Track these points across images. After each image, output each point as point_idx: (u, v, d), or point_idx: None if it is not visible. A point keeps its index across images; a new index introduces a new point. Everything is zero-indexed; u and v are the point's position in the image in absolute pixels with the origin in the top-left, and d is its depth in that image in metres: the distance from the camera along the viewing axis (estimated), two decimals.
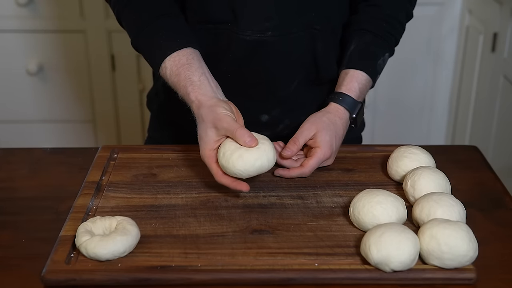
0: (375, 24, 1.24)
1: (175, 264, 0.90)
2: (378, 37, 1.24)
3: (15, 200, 1.11)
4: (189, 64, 1.11)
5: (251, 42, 1.19)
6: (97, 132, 2.54)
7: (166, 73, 1.12)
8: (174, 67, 1.11)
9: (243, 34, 1.18)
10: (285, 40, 1.20)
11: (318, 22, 1.21)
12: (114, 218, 0.97)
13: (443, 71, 2.52)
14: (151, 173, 1.15)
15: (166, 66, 1.12)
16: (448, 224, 0.90)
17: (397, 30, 1.26)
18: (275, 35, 1.19)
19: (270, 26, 1.18)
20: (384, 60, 1.24)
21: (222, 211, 1.03)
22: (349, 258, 0.92)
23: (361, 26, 1.24)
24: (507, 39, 2.07)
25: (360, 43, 1.23)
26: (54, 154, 1.27)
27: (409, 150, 1.12)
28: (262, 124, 1.27)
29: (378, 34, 1.24)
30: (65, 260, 0.90)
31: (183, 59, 1.12)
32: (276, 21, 1.18)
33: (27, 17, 2.34)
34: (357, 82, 1.20)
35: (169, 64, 1.12)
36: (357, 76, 1.21)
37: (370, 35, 1.23)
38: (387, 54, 1.25)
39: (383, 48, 1.24)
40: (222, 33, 1.20)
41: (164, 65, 1.12)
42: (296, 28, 1.20)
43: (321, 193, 1.09)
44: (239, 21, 1.17)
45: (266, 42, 1.19)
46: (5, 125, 2.53)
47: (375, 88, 2.48)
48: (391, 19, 1.25)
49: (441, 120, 2.62)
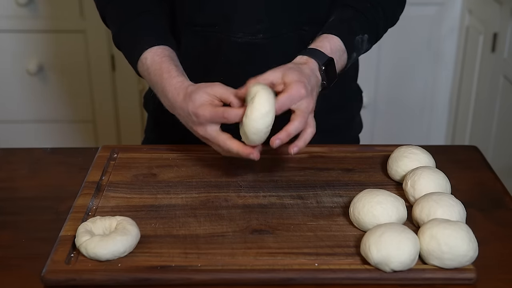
0: (359, 3, 1.20)
1: (175, 264, 0.90)
2: (360, 13, 1.19)
3: (15, 200, 1.11)
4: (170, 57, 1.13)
5: (243, 45, 1.19)
6: (97, 132, 2.55)
7: (146, 63, 1.13)
8: (156, 57, 1.12)
9: (235, 37, 1.19)
10: (276, 42, 1.20)
11: (308, 23, 1.21)
12: (114, 218, 0.97)
13: (443, 71, 2.52)
14: (151, 173, 1.15)
15: (147, 57, 1.13)
16: (448, 224, 0.90)
17: (381, 18, 1.22)
18: (266, 37, 1.19)
19: (261, 28, 1.18)
20: (363, 40, 1.18)
21: (222, 211, 1.03)
22: (349, 258, 0.92)
23: (345, 2, 1.21)
24: (507, 39, 2.07)
25: (341, 16, 1.19)
26: (54, 154, 1.27)
27: (409, 150, 1.12)
28: None
29: (360, 11, 1.19)
30: (65, 260, 0.90)
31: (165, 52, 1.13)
32: (267, 24, 1.18)
33: (27, 17, 2.34)
34: (328, 42, 1.13)
35: (150, 55, 1.13)
36: (330, 38, 1.14)
37: (352, 10, 1.19)
38: (366, 36, 1.19)
39: (364, 26, 1.19)
40: (214, 35, 1.20)
41: (144, 55, 1.13)
42: (286, 29, 1.20)
43: (321, 193, 1.09)
44: (230, 24, 1.18)
45: (257, 44, 1.19)
46: (5, 125, 2.53)
47: (375, 88, 2.52)
48: (377, 4, 1.21)
49: (441, 120, 2.62)
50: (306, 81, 1.04)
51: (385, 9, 1.22)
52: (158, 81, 1.11)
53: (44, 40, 2.39)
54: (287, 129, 1.01)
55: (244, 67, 1.21)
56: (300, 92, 1.02)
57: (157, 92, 1.13)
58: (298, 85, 1.02)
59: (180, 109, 1.07)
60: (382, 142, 2.43)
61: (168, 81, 1.09)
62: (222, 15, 1.18)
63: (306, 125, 1.04)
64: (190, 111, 1.04)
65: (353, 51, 1.17)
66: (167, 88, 1.09)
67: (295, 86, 1.02)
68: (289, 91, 1.02)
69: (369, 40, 1.20)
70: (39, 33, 2.37)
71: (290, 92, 1.02)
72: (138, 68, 1.16)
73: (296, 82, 1.03)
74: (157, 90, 1.13)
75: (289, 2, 1.19)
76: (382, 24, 1.23)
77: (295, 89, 1.02)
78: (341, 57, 1.14)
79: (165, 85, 1.09)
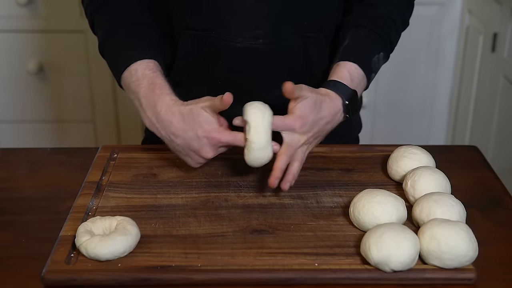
0: (371, 21, 1.21)
1: (175, 264, 0.90)
2: (375, 33, 1.20)
3: (15, 200, 1.11)
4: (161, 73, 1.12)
5: (242, 49, 1.18)
6: (97, 132, 2.55)
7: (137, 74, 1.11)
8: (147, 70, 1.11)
9: (234, 41, 1.18)
10: (277, 48, 1.19)
11: (311, 30, 1.21)
12: (114, 218, 0.97)
13: (443, 71, 2.53)
14: (151, 173, 1.15)
15: (137, 69, 1.11)
16: (448, 224, 0.90)
17: (392, 31, 1.23)
18: (266, 42, 1.19)
19: (261, 33, 1.18)
20: (379, 59, 1.20)
21: (222, 211, 1.03)
22: (349, 258, 0.92)
23: (357, 22, 1.21)
24: (507, 39, 2.07)
25: (355, 38, 1.20)
26: (54, 154, 1.27)
27: (409, 150, 1.12)
28: None
29: (375, 30, 1.20)
30: (65, 260, 0.90)
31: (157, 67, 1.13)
32: (267, 29, 1.18)
33: (27, 17, 2.34)
34: (348, 72, 1.14)
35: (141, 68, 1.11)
36: (349, 67, 1.15)
37: (366, 30, 1.20)
38: (382, 54, 1.20)
39: (379, 45, 1.20)
40: (211, 40, 1.19)
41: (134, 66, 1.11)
42: (288, 35, 1.19)
43: (321, 193, 1.09)
44: (229, 29, 1.17)
45: (257, 49, 1.19)
46: (5, 125, 2.53)
47: (375, 88, 2.51)
48: (386, 18, 1.22)
49: (441, 120, 2.62)
50: (310, 119, 1.06)
51: (395, 20, 1.23)
52: (148, 95, 1.09)
53: (44, 40, 2.39)
54: (277, 166, 1.04)
55: (243, 72, 1.21)
56: (293, 125, 1.04)
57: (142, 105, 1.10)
58: (296, 119, 1.04)
59: (182, 132, 1.05)
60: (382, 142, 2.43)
61: (160, 98, 1.08)
62: (221, 20, 1.18)
63: (292, 159, 1.05)
64: (201, 135, 1.04)
65: (371, 72, 1.18)
66: (159, 104, 1.07)
67: (293, 118, 1.04)
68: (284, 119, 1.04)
69: (385, 56, 1.22)
70: (39, 33, 2.38)
71: (284, 120, 1.04)
72: (124, 79, 1.13)
73: (298, 115, 1.05)
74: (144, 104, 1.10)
75: (292, 8, 1.18)
76: (394, 37, 1.24)
77: (290, 120, 1.04)
78: (361, 83, 1.16)
79: (157, 101, 1.08)
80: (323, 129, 1.09)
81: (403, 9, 1.26)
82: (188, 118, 1.04)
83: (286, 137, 1.05)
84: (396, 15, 1.23)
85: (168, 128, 1.06)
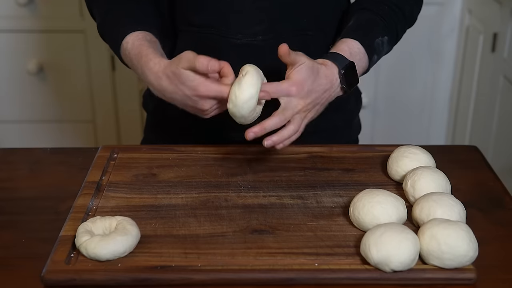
0: (377, 5, 1.21)
1: (175, 264, 0.90)
2: (379, 16, 1.19)
3: (15, 200, 1.11)
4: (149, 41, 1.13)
5: (241, 46, 1.19)
6: (97, 132, 2.54)
7: (127, 47, 1.13)
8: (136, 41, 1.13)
9: (234, 38, 1.18)
10: (276, 45, 1.19)
11: (310, 28, 1.21)
12: (114, 218, 0.97)
13: (443, 71, 2.53)
14: (151, 173, 1.15)
15: (128, 41, 1.13)
16: (448, 224, 0.90)
17: (399, 19, 1.22)
18: (265, 39, 1.19)
19: (260, 30, 1.18)
20: (383, 42, 1.18)
21: (222, 211, 1.03)
22: (349, 258, 0.92)
23: (362, 6, 1.21)
24: (507, 39, 2.07)
25: (359, 19, 1.19)
26: (54, 154, 1.27)
27: (409, 150, 1.12)
28: None
29: (380, 14, 1.19)
30: (65, 260, 0.90)
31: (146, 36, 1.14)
32: (266, 26, 1.18)
33: (27, 17, 2.34)
34: (347, 47, 1.13)
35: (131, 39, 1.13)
36: (349, 43, 1.14)
37: (371, 13, 1.20)
38: (386, 38, 1.19)
39: (383, 29, 1.19)
40: (210, 37, 1.20)
41: (125, 40, 1.14)
42: (287, 33, 1.20)
43: (321, 193, 1.09)
44: (228, 25, 1.18)
45: (256, 46, 1.19)
46: (5, 125, 2.53)
47: (375, 88, 2.51)
48: (394, 6, 1.21)
49: (441, 120, 2.62)
50: (307, 85, 1.05)
51: (404, 11, 1.22)
52: (138, 65, 1.11)
53: (44, 40, 2.39)
54: (263, 123, 1.04)
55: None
56: (289, 90, 1.04)
57: (139, 76, 1.13)
58: (293, 84, 1.04)
59: (174, 94, 1.06)
60: (382, 142, 2.43)
61: (146, 65, 1.09)
62: (220, 16, 1.18)
63: (287, 122, 1.05)
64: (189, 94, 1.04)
65: (373, 53, 1.17)
66: (146, 72, 1.09)
67: (289, 83, 1.04)
68: (280, 84, 1.04)
69: (389, 42, 1.20)
70: (39, 33, 2.37)
71: (280, 85, 1.04)
72: (121, 54, 1.16)
73: (294, 81, 1.04)
74: (139, 74, 1.13)
75: (291, 5, 1.19)
76: (400, 26, 1.23)
77: (286, 84, 1.04)
78: (361, 60, 1.15)
79: (144, 69, 1.10)
80: (321, 96, 1.09)
81: (412, 3, 1.25)
82: (174, 80, 1.05)
83: (283, 101, 1.05)
84: (403, 5, 1.23)
85: (162, 93, 1.09)
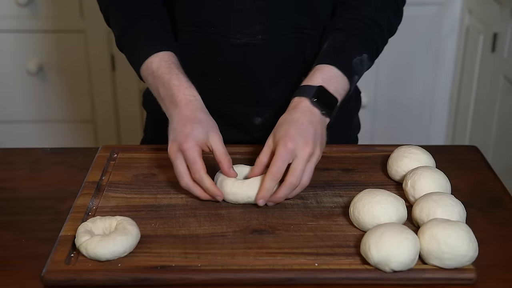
0: (351, 24, 1.19)
1: (175, 264, 0.90)
2: (355, 36, 1.17)
3: (15, 200, 1.11)
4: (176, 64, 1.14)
5: (241, 46, 1.19)
6: (97, 132, 2.54)
7: (152, 67, 1.13)
8: (163, 62, 1.13)
9: (233, 38, 1.18)
10: (275, 44, 1.20)
11: (308, 26, 1.21)
12: (114, 218, 0.97)
13: (443, 71, 2.52)
14: (151, 173, 1.15)
15: (153, 61, 1.13)
16: (448, 224, 0.90)
17: (376, 33, 1.19)
18: (265, 38, 1.19)
19: (260, 29, 1.18)
20: (361, 60, 1.16)
21: (222, 211, 1.03)
22: (349, 258, 0.92)
23: (337, 26, 1.19)
24: (507, 39, 2.07)
25: (333, 41, 1.17)
26: (54, 154, 1.27)
27: (409, 150, 1.12)
28: (256, 127, 1.27)
29: (355, 33, 1.17)
30: (65, 260, 0.90)
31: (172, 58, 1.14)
32: (266, 25, 1.18)
33: (27, 17, 2.34)
34: (320, 74, 1.11)
35: (157, 60, 1.13)
36: (322, 69, 1.12)
37: (345, 34, 1.18)
38: (365, 55, 1.16)
39: (360, 47, 1.17)
40: (210, 36, 1.20)
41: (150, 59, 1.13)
42: (286, 32, 1.20)
43: (321, 193, 1.09)
44: (228, 25, 1.18)
45: (256, 45, 1.19)
46: (5, 125, 2.53)
47: (375, 88, 2.51)
48: (370, 21, 1.19)
49: (441, 120, 2.62)
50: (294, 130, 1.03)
51: (381, 24, 1.20)
52: (165, 86, 1.11)
53: (44, 40, 2.39)
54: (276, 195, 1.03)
55: (242, 69, 1.21)
56: (287, 147, 1.01)
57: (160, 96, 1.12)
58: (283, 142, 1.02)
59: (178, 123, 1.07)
60: (382, 142, 2.44)
61: (178, 89, 1.09)
62: (219, 16, 1.18)
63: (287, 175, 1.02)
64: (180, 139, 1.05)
65: (353, 74, 1.14)
66: (177, 96, 1.09)
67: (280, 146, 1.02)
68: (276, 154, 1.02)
69: (370, 58, 1.18)
70: (39, 33, 2.37)
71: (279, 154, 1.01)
72: (142, 72, 1.16)
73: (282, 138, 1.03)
74: (162, 95, 1.12)
75: (289, 4, 1.19)
76: (379, 38, 1.21)
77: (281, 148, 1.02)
78: (338, 83, 1.12)
79: (174, 92, 1.09)
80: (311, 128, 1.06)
81: (388, 12, 1.22)
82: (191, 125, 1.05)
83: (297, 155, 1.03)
84: (380, 18, 1.20)
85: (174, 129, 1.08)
